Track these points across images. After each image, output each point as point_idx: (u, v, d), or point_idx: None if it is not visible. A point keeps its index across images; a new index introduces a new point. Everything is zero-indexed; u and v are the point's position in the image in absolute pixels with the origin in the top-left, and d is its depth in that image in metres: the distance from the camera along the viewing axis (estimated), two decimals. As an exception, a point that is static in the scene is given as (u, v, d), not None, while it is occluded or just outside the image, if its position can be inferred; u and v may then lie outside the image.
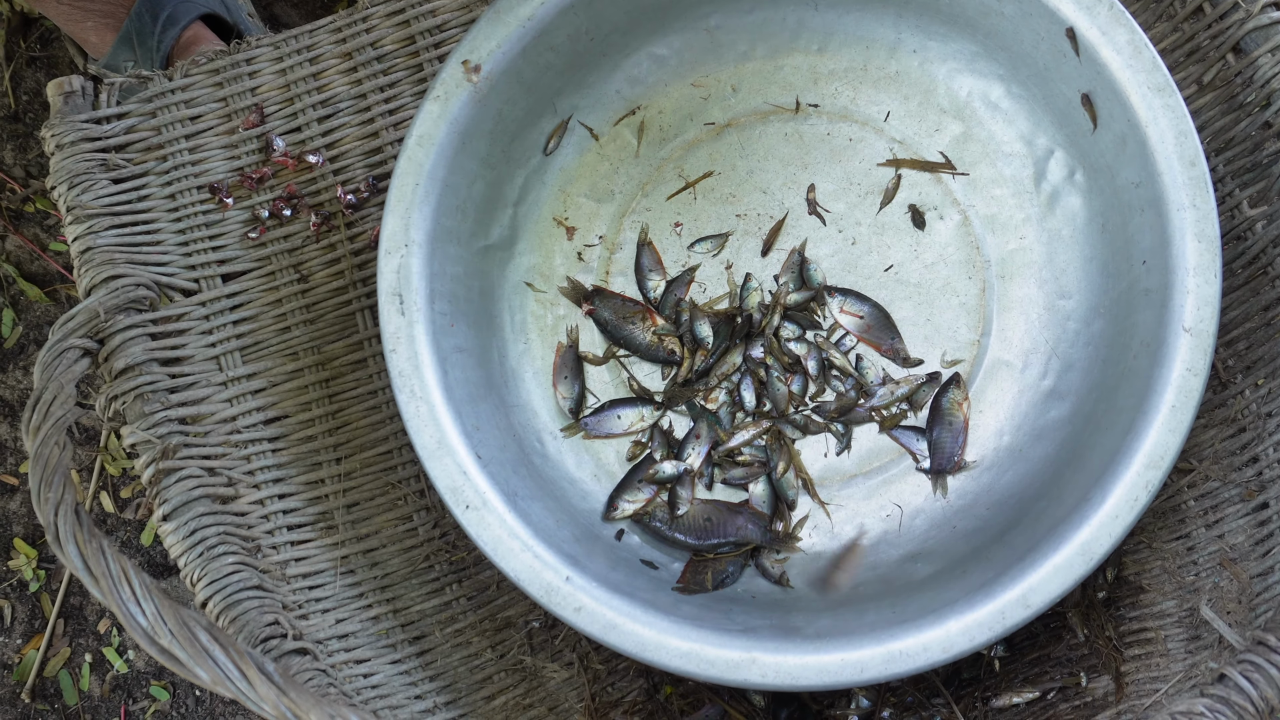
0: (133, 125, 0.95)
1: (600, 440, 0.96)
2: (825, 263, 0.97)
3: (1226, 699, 0.71)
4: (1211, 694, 0.71)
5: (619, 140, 0.99)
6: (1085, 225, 0.93)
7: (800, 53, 0.99)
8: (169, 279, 0.93)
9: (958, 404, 0.94)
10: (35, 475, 0.71)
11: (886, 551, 0.93)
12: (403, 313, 0.86)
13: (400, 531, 0.95)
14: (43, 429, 0.73)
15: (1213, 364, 0.89)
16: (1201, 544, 0.88)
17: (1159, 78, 0.84)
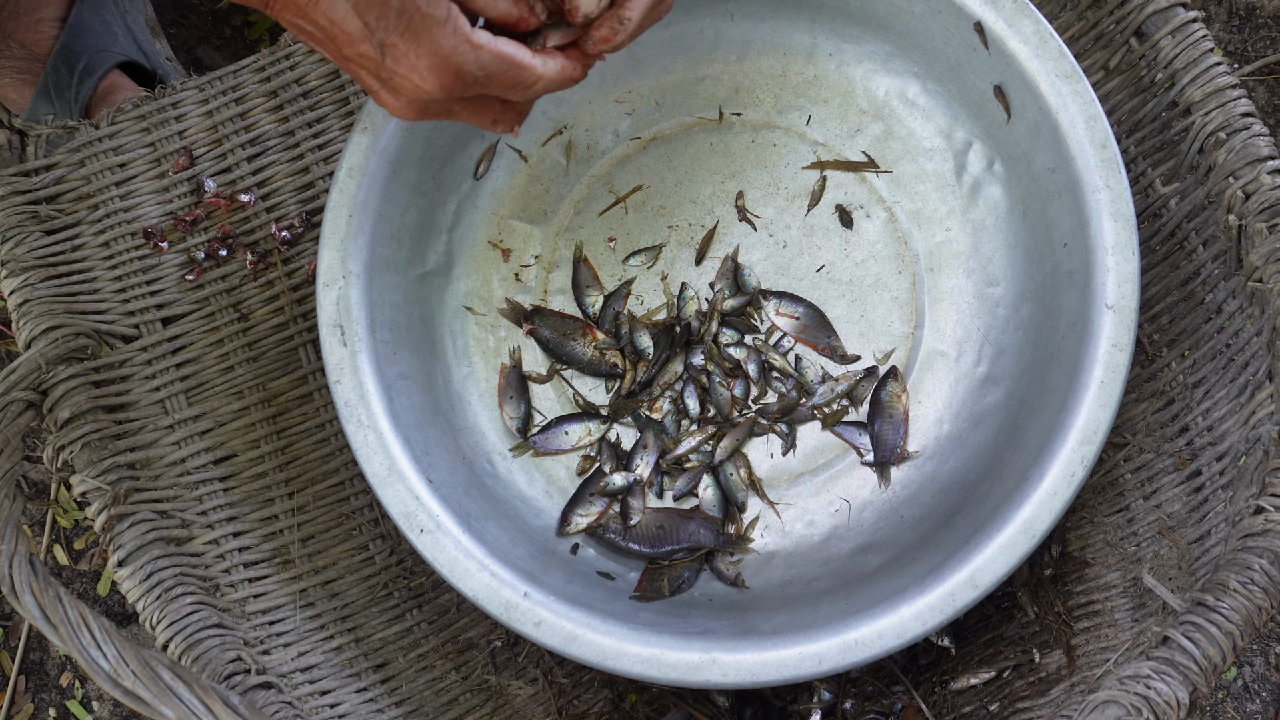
0: (62, 176, 0.95)
1: (550, 457, 0.97)
2: (759, 267, 0.99)
3: (1171, 659, 0.73)
4: (1156, 656, 0.73)
5: (548, 160, 1.01)
6: (1007, 213, 0.95)
7: (719, 63, 1.01)
8: (109, 326, 0.93)
9: (896, 396, 0.96)
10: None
11: (837, 546, 0.94)
12: (345, 343, 0.87)
13: (357, 561, 0.95)
14: (-10, 483, 0.73)
15: (1139, 339, 0.92)
16: (1140, 515, 0.90)
17: (1066, 65, 0.86)
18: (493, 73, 0.68)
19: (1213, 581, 0.76)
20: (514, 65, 0.69)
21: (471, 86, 0.69)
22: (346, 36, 0.66)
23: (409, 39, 0.65)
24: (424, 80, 0.67)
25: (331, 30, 0.66)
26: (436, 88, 0.68)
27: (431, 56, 0.66)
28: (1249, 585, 0.74)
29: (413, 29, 0.65)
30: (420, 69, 0.67)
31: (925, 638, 0.82)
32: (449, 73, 0.67)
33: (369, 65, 0.68)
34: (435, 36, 0.65)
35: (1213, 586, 0.75)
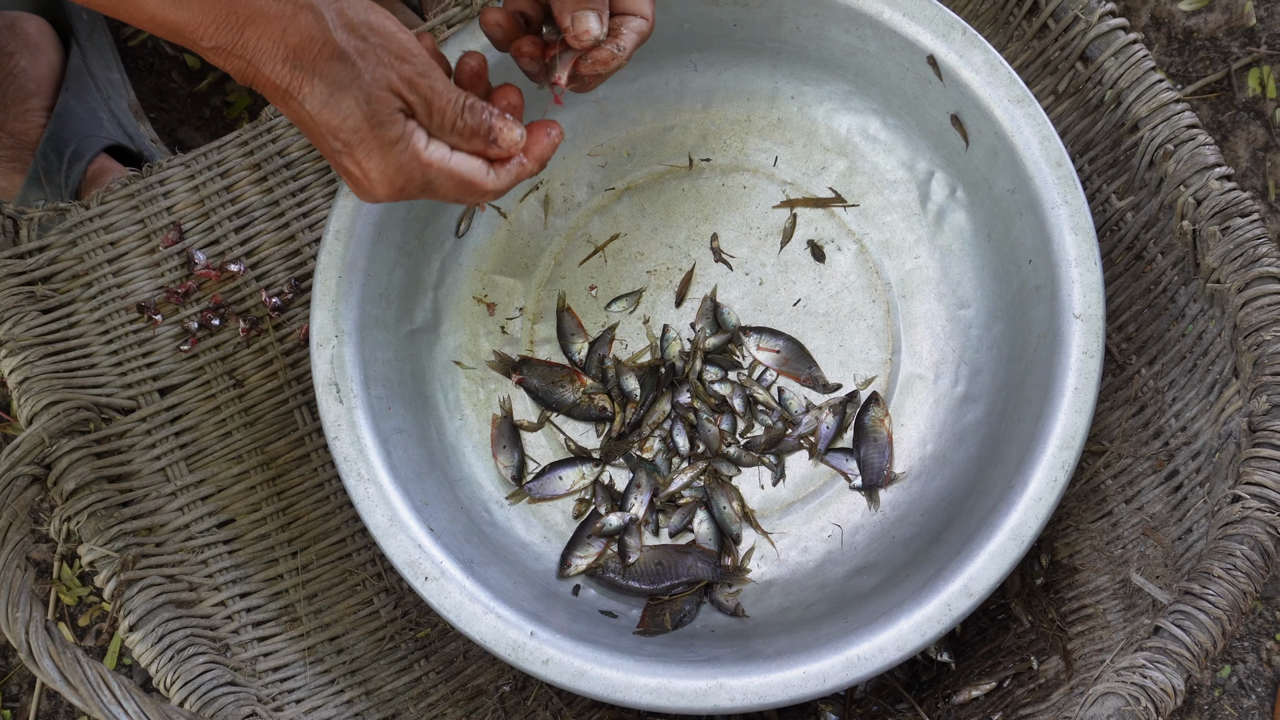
0: (55, 256, 0.98)
1: (546, 502, 0.99)
2: (737, 305, 1.02)
3: (1164, 648, 0.75)
4: (1150, 646, 0.76)
5: (527, 215, 1.04)
6: (972, 237, 0.99)
7: (686, 112, 1.04)
8: (108, 399, 0.95)
9: (879, 421, 0.99)
10: (1, 598, 0.72)
11: (833, 570, 0.96)
12: (340, 400, 0.89)
13: (363, 615, 0.96)
14: (3, 554, 0.75)
15: (1108, 348, 0.95)
16: (1124, 518, 0.93)
17: (1017, 90, 0.90)
18: (439, 185, 0.75)
19: (1198, 570, 0.78)
20: (463, 181, 0.76)
21: (419, 194, 0.76)
22: (315, 137, 0.73)
23: (363, 150, 0.73)
24: (374, 185, 0.74)
25: (307, 132, 0.73)
26: (385, 193, 0.75)
27: (384, 167, 0.73)
28: (1233, 571, 0.77)
29: (366, 143, 0.72)
30: (372, 175, 0.74)
31: (925, 649, 0.84)
32: (397, 183, 0.74)
33: (333, 162, 0.75)
34: (387, 152, 0.73)
35: (1198, 575, 0.78)
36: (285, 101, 0.72)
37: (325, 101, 0.71)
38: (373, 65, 0.72)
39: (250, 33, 0.69)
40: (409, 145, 0.73)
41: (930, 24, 0.92)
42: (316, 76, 0.71)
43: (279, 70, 0.70)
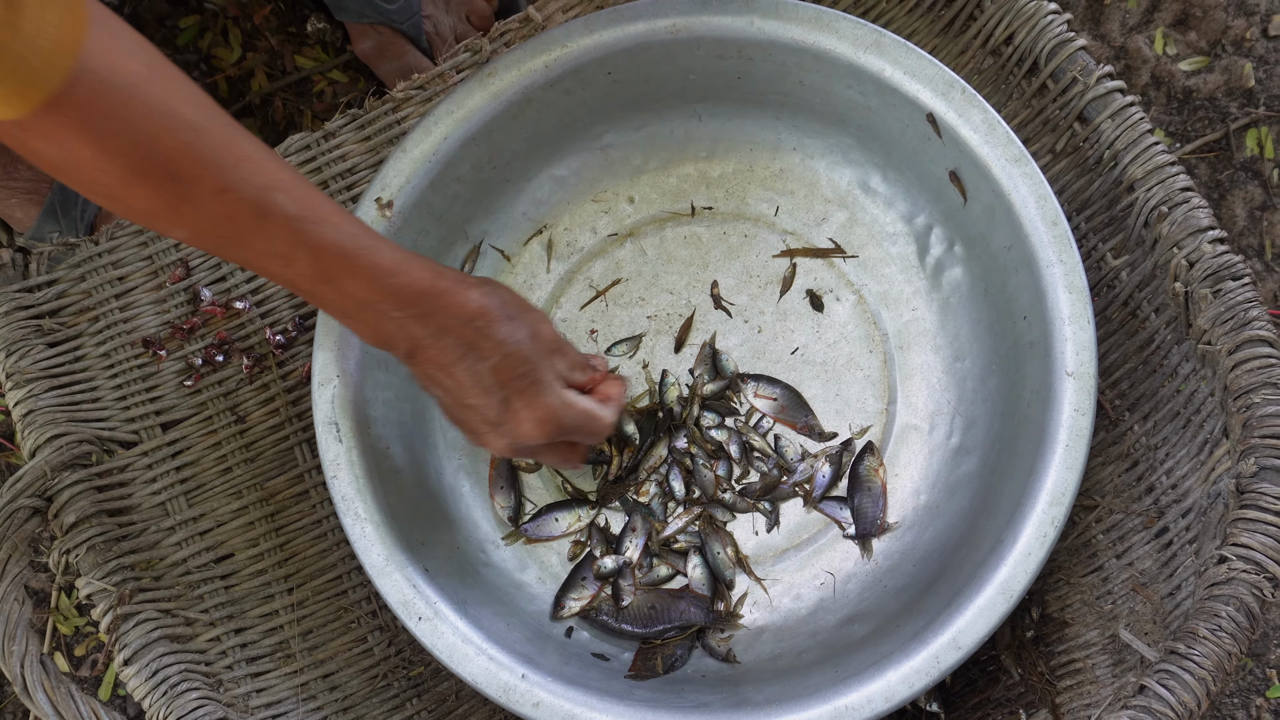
0: (63, 291, 0.99)
1: (541, 544, 1.00)
2: (735, 352, 1.03)
3: (1148, 707, 0.76)
4: (1134, 705, 0.76)
5: (530, 258, 1.05)
6: (969, 291, 1.00)
7: (690, 161, 1.06)
8: (110, 433, 0.96)
9: (874, 470, 1.00)
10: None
11: (824, 618, 0.97)
12: (340, 439, 0.90)
13: (357, 653, 0.97)
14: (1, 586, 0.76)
15: (1101, 404, 0.96)
16: (1114, 574, 0.93)
17: (1014, 149, 0.92)
18: (579, 424, 0.87)
19: (1183, 630, 0.79)
20: (592, 417, 0.88)
21: (562, 434, 0.86)
22: (477, 391, 0.83)
23: (526, 399, 0.84)
24: (532, 429, 0.85)
25: (465, 384, 0.83)
26: (539, 435, 0.85)
27: (541, 411, 0.85)
28: (1217, 631, 0.77)
29: (529, 392, 0.84)
30: (530, 420, 0.85)
31: (913, 700, 0.84)
32: (551, 424, 0.85)
33: (486, 414, 0.84)
34: (546, 399, 0.85)
35: (1184, 635, 0.78)
36: (456, 361, 0.82)
37: (499, 349, 0.83)
38: (535, 321, 0.86)
39: (446, 300, 0.81)
40: (558, 390, 0.86)
41: (930, 82, 0.93)
42: (495, 329, 0.83)
43: (460, 332, 0.82)
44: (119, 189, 0.70)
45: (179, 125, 0.70)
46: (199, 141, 0.71)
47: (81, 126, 0.67)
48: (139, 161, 0.69)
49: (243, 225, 0.74)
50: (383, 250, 0.79)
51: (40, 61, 0.63)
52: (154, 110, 0.69)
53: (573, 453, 0.92)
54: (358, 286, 0.78)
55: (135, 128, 0.68)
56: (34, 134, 0.67)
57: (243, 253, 0.76)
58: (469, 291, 0.82)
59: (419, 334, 0.81)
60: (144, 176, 0.70)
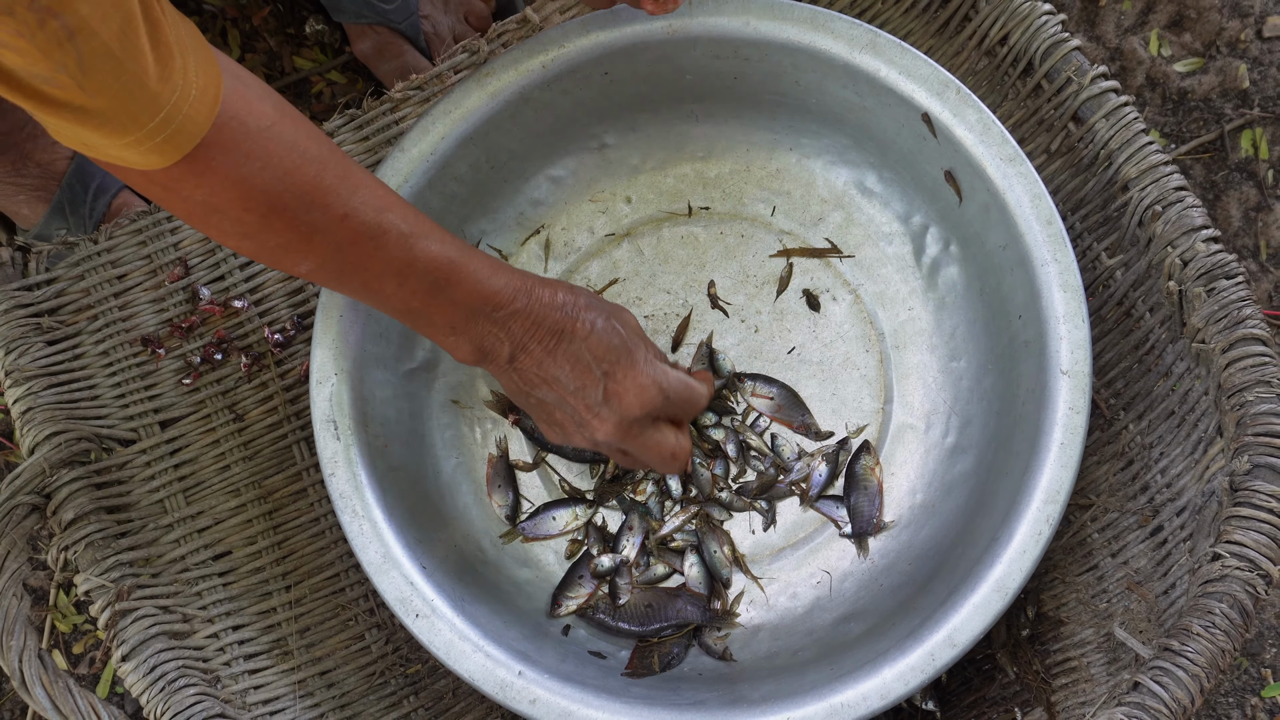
0: (63, 289, 1.00)
1: (539, 542, 1.00)
2: (732, 351, 1.03)
3: (1142, 704, 0.76)
4: (1128, 702, 0.76)
5: (528, 258, 1.05)
6: (965, 290, 1.00)
7: (687, 161, 1.06)
8: (109, 430, 0.96)
9: (870, 469, 1.00)
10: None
11: (820, 616, 0.97)
12: (338, 437, 0.90)
13: (354, 651, 0.97)
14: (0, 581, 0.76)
15: (1096, 403, 0.96)
16: (1109, 572, 0.94)
17: (1009, 149, 0.92)
18: (679, 391, 0.90)
19: (1177, 627, 0.79)
20: (690, 385, 0.92)
21: (665, 404, 0.89)
22: (578, 371, 0.87)
23: (625, 369, 0.88)
24: (635, 399, 0.88)
25: (566, 369, 0.87)
26: (643, 404, 0.88)
27: (644, 378, 0.88)
28: (1211, 629, 0.77)
29: (626, 363, 0.88)
30: (634, 389, 0.88)
31: (908, 697, 0.84)
32: (653, 389, 0.88)
33: (591, 396, 0.87)
34: (645, 368, 0.89)
35: (1177, 632, 0.79)
36: (555, 345, 0.86)
37: (593, 327, 0.87)
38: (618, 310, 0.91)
39: (539, 290, 0.86)
40: (653, 360, 0.90)
41: (926, 82, 0.94)
42: (586, 311, 0.87)
43: (554, 316, 0.86)
44: (259, 226, 0.75)
45: (307, 160, 0.76)
46: (324, 173, 0.76)
47: (229, 168, 0.71)
48: (279, 197, 0.74)
49: (364, 247, 0.79)
50: (479, 258, 0.84)
51: (190, 109, 0.67)
52: (288, 148, 0.74)
53: (679, 450, 0.92)
54: (464, 294, 0.83)
55: (274, 165, 0.73)
56: (184, 181, 0.71)
57: (362, 275, 0.81)
58: (554, 285, 0.87)
59: (518, 331, 0.86)
60: (282, 211, 0.75)
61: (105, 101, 0.63)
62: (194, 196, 0.72)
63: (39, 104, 0.62)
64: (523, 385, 0.88)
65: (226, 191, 0.72)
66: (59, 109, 0.62)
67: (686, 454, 0.93)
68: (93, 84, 0.61)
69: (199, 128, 0.69)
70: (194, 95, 0.67)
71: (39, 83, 0.60)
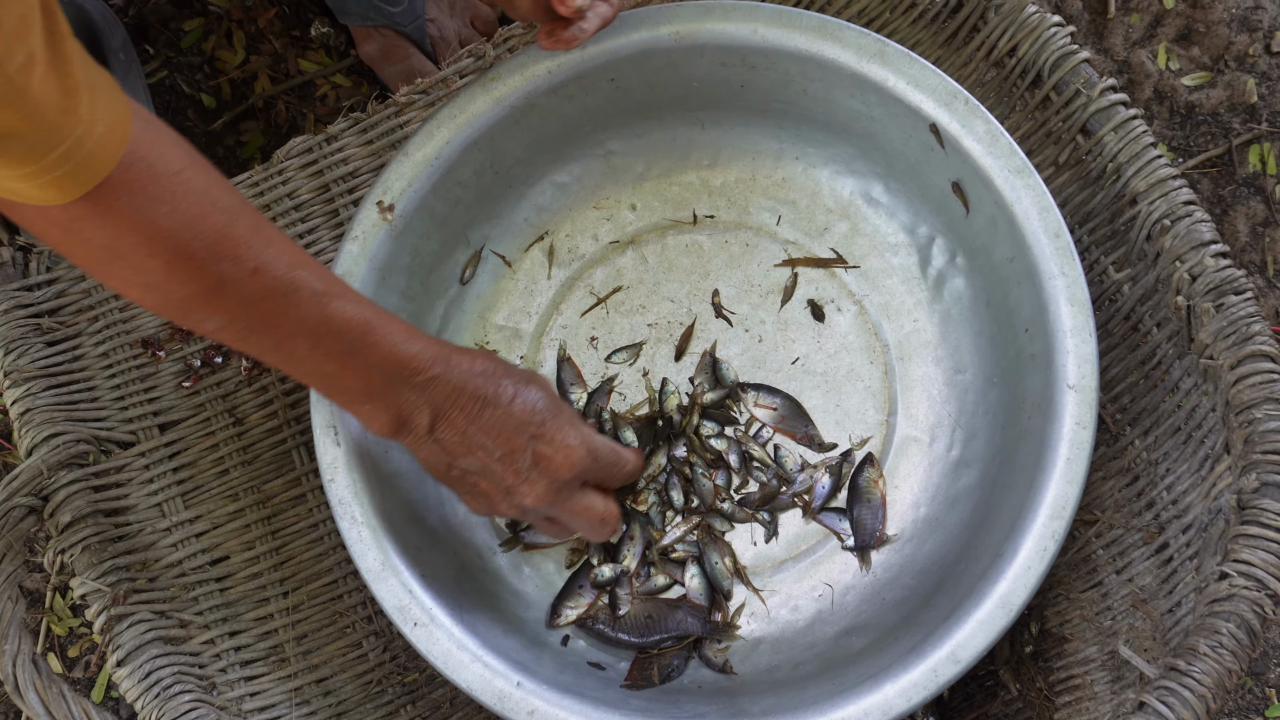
0: (63, 290, 0.99)
1: (538, 551, 1.00)
2: (736, 361, 1.03)
3: (1147, 724, 0.75)
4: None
5: (531, 265, 1.05)
6: (971, 303, 1.00)
7: (692, 169, 1.06)
8: (108, 433, 0.96)
9: (874, 482, 0.99)
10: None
11: (822, 629, 0.96)
12: (338, 443, 0.90)
13: (351, 658, 0.97)
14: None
15: (1103, 418, 0.96)
16: (1114, 589, 0.93)
17: (1017, 161, 0.91)
18: (605, 455, 0.90)
19: (1183, 647, 0.78)
20: (615, 450, 0.91)
21: (593, 464, 0.88)
22: (504, 436, 0.85)
23: (553, 430, 0.86)
24: (566, 457, 0.86)
25: (491, 434, 0.85)
26: (573, 464, 0.86)
27: (571, 438, 0.87)
28: (1218, 649, 0.77)
29: (554, 424, 0.86)
30: (563, 450, 0.86)
31: (911, 713, 0.84)
32: (583, 448, 0.87)
33: (519, 462, 0.85)
34: (574, 428, 0.87)
35: (1184, 652, 0.78)
36: (479, 412, 0.84)
37: (515, 393, 0.85)
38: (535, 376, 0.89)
39: (456, 358, 0.84)
40: (583, 422, 0.89)
41: (934, 93, 0.93)
42: (505, 378, 0.86)
43: (475, 383, 0.84)
44: (163, 274, 0.72)
45: (217, 209, 0.73)
46: (234, 224, 0.74)
47: (133, 210, 0.69)
48: (186, 244, 0.72)
49: (276, 303, 0.77)
50: (395, 322, 0.82)
51: (95, 145, 0.65)
52: (197, 195, 0.72)
53: (608, 514, 0.91)
54: (380, 357, 0.81)
55: (182, 210, 0.71)
56: (85, 221, 0.68)
57: (274, 335, 0.78)
58: (472, 353, 0.86)
59: (438, 397, 0.83)
60: (189, 260, 0.72)
61: (3, 132, 0.61)
62: (94, 239, 0.70)
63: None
64: (444, 456, 0.86)
65: (130, 235, 0.70)
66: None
67: (616, 519, 0.92)
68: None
69: (102, 165, 0.66)
70: (99, 132, 0.65)
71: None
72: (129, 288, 0.74)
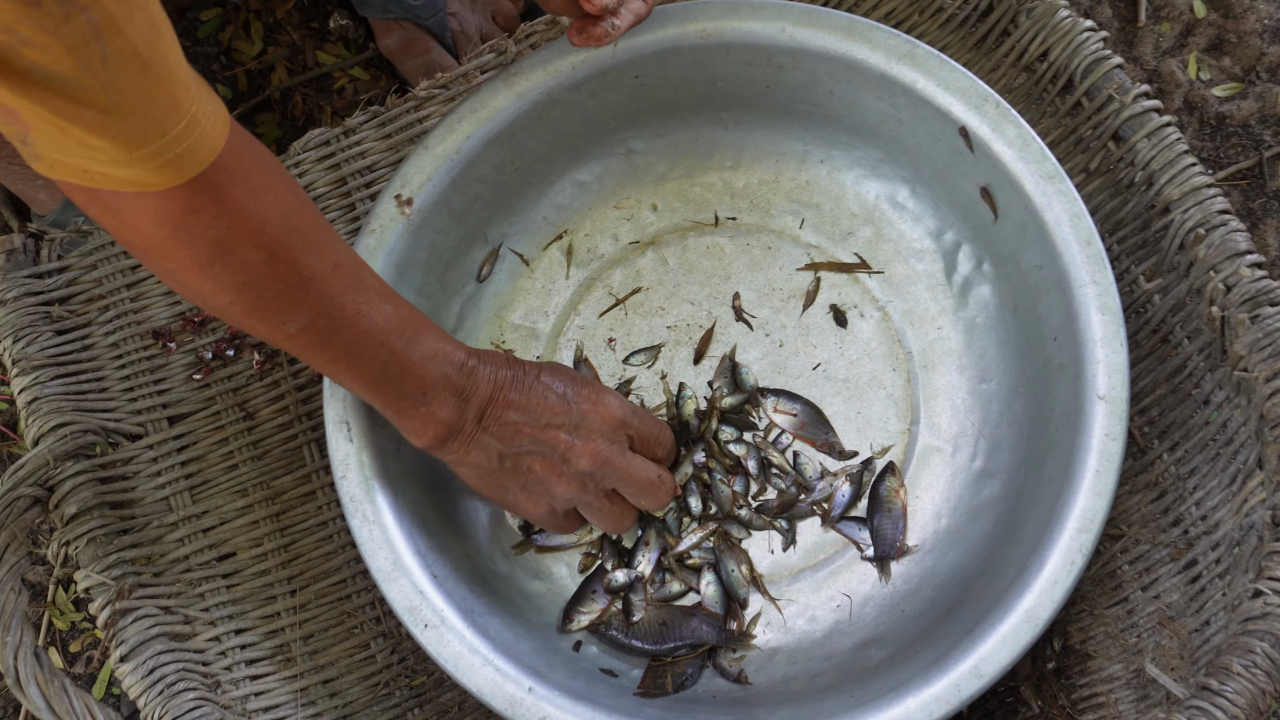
0: (74, 278, 0.97)
1: (552, 554, 0.98)
2: (756, 366, 1.01)
3: (1177, 744, 0.73)
4: (1163, 741, 0.73)
5: (549, 263, 1.03)
6: (997, 310, 0.98)
7: (715, 170, 1.04)
8: (116, 424, 0.94)
9: (895, 491, 0.97)
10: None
11: (840, 641, 0.95)
12: (351, 439, 0.88)
13: (358, 660, 0.95)
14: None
15: (1130, 431, 0.94)
16: (1140, 606, 0.91)
17: (1049, 166, 0.90)
18: (640, 412, 0.91)
19: (1215, 666, 0.76)
20: (647, 411, 0.94)
21: (634, 417, 0.89)
22: (547, 403, 0.85)
23: (584, 386, 0.88)
24: (607, 408, 0.88)
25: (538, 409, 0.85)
26: (617, 414, 0.88)
27: (605, 393, 0.89)
28: (1252, 669, 0.75)
29: (582, 381, 0.88)
30: (602, 401, 0.88)
31: (931, 728, 0.82)
32: (617, 402, 0.88)
33: (564, 418, 0.86)
34: (608, 389, 0.90)
35: (1216, 671, 0.76)
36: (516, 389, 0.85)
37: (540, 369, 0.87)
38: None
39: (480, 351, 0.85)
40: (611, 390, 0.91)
41: (964, 96, 0.91)
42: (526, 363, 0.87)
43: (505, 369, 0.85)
44: (263, 269, 0.72)
45: (304, 205, 0.74)
46: (317, 220, 0.75)
47: (245, 198, 0.69)
48: (286, 236, 0.72)
49: (352, 298, 0.77)
50: (430, 322, 0.83)
51: (209, 123, 0.65)
52: (290, 189, 0.73)
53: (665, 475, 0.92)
54: (428, 353, 0.81)
55: (283, 203, 0.71)
56: (200, 212, 0.67)
57: (349, 334, 0.78)
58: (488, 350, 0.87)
59: (480, 386, 0.84)
60: (288, 251, 0.72)
61: (128, 104, 0.60)
62: (206, 233, 0.69)
63: (56, 109, 0.58)
64: (496, 445, 0.85)
65: (241, 225, 0.69)
66: (78, 113, 0.59)
67: (672, 483, 0.92)
68: (116, 84, 0.58)
69: (215, 144, 0.66)
70: (210, 110, 0.65)
71: (60, 84, 0.57)
72: (223, 289, 0.72)
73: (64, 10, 0.55)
